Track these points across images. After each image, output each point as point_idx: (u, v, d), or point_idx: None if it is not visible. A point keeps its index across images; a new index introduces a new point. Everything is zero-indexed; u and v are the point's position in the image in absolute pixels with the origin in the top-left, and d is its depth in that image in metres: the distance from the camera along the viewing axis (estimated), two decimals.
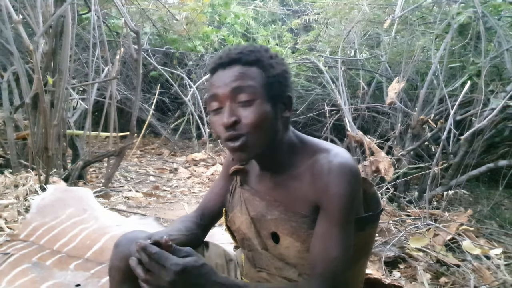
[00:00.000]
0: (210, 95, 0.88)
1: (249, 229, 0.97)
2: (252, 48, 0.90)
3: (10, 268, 1.82)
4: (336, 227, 0.82)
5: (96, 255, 1.98)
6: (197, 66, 5.60)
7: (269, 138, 0.87)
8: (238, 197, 1.01)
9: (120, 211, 2.66)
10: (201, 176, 3.88)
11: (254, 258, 0.98)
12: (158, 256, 0.74)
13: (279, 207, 0.91)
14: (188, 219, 1.09)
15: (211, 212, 1.10)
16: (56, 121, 2.76)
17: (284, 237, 0.90)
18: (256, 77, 0.86)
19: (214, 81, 0.88)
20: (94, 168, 3.92)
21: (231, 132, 0.85)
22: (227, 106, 0.85)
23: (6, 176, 2.87)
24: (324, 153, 0.87)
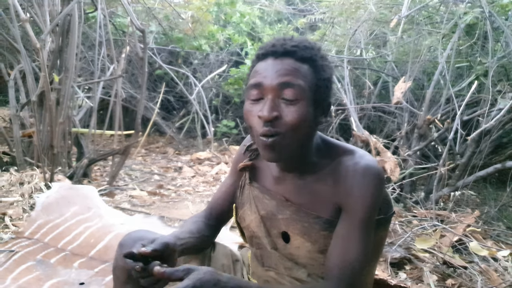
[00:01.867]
0: (253, 82, 0.82)
1: (258, 227, 0.95)
2: (308, 44, 0.85)
3: (15, 265, 1.83)
4: (358, 230, 0.82)
5: (100, 253, 1.99)
6: (202, 65, 5.59)
7: (303, 142, 0.84)
8: (248, 194, 0.99)
9: (124, 209, 2.66)
10: (206, 175, 3.87)
11: (263, 257, 0.97)
12: None
13: (291, 207, 0.90)
14: (199, 219, 1.07)
15: (220, 211, 1.08)
16: (61, 119, 2.76)
17: (294, 237, 0.89)
18: (306, 76, 0.81)
19: (262, 69, 0.82)
20: (99, 166, 3.92)
21: (269, 127, 0.80)
22: (269, 99, 0.80)
23: (11, 174, 2.88)
24: (349, 155, 0.86)
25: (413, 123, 3.12)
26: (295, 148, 0.83)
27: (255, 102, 0.83)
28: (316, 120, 0.86)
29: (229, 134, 5.40)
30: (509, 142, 3.38)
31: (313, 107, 0.83)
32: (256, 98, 0.83)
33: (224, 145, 4.98)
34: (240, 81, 5.13)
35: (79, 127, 3.35)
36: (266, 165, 1.00)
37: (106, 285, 1.71)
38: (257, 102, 0.83)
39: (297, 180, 0.92)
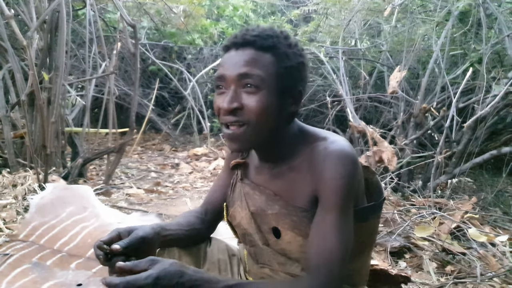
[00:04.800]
0: (217, 75, 0.84)
1: (249, 224, 0.93)
2: (271, 32, 0.84)
3: (10, 269, 1.80)
4: (331, 214, 0.79)
5: None
6: (196, 59, 5.54)
7: (268, 131, 0.84)
8: (239, 192, 0.97)
9: (121, 208, 2.64)
10: (203, 171, 3.85)
11: (256, 254, 0.95)
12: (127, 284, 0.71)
13: (279, 201, 0.88)
14: (192, 214, 1.06)
15: (215, 207, 1.07)
16: (53, 119, 2.72)
17: (285, 232, 0.87)
18: (267, 65, 0.81)
19: (224, 61, 0.84)
20: (94, 165, 3.89)
21: (230, 117, 0.81)
22: (231, 90, 0.81)
23: (4, 176, 2.84)
24: (322, 141, 0.84)
25: (409, 112, 3.10)
26: (259, 137, 0.84)
27: (221, 92, 0.85)
28: (283, 109, 0.85)
29: None
30: (504, 128, 3.38)
31: (277, 96, 0.82)
32: (221, 89, 0.84)
33: (220, 141, 4.95)
34: None
35: (73, 126, 3.31)
36: (252, 159, 0.99)
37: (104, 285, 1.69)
38: (223, 93, 0.84)
39: (273, 169, 0.91)
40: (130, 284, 0.70)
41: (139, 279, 0.70)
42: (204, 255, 1.05)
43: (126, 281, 0.70)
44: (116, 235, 0.84)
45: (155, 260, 0.74)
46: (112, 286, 0.70)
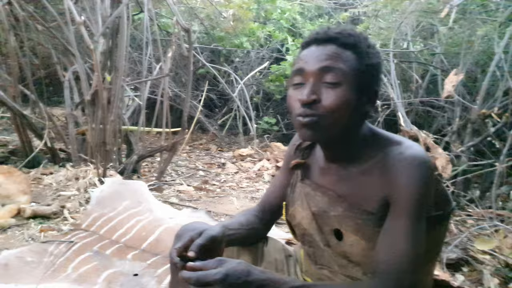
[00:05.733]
0: (295, 68, 0.86)
1: (310, 224, 0.94)
2: (352, 32, 0.87)
3: (74, 255, 1.93)
4: (404, 221, 0.78)
5: (151, 246, 2.06)
6: (243, 62, 5.63)
7: (342, 127, 0.84)
8: (299, 192, 0.98)
9: (172, 204, 2.74)
10: (248, 172, 3.90)
11: (315, 255, 0.96)
12: (198, 279, 0.75)
13: (343, 203, 0.88)
14: (250, 212, 1.09)
15: (272, 207, 1.09)
16: (112, 117, 2.88)
17: (348, 234, 0.87)
18: (349, 61, 0.82)
19: (304, 55, 0.85)
20: (147, 162, 4.06)
21: (306, 109, 0.82)
22: (310, 83, 0.83)
23: (67, 169, 3.06)
24: (396, 146, 0.83)
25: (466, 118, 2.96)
26: (333, 131, 0.84)
27: (297, 87, 0.86)
28: (360, 107, 0.85)
29: (270, 130, 5.41)
30: None
31: (356, 93, 0.83)
32: (297, 83, 0.86)
33: (265, 142, 4.99)
34: (281, 77, 5.11)
35: (128, 125, 3.49)
36: (315, 160, 0.99)
37: (158, 277, 1.77)
38: (299, 88, 0.85)
39: (341, 170, 0.91)
40: (201, 279, 0.74)
41: (209, 275, 0.74)
42: (261, 254, 1.08)
43: (197, 276, 0.75)
44: (189, 240, 0.88)
45: (223, 260, 0.78)
46: (185, 279, 0.75)
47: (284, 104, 5.65)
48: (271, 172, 3.78)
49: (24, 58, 3.40)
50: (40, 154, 3.38)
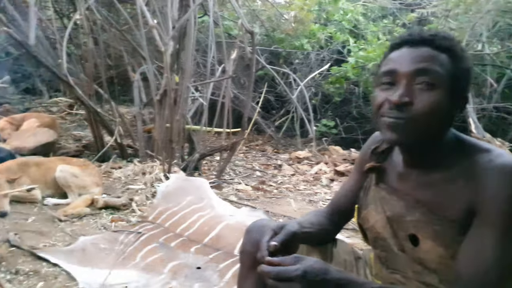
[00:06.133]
0: (385, 69, 0.84)
1: (384, 228, 0.93)
2: (446, 35, 0.85)
3: (142, 245, 2.05)
4: (492, 232, 0.74)
5: (213, 241, 2.12)
6: (302, 64, 5.61)
7: (432, 131, 0.82)
8: (373, 196, 0.97)
9: (232, 202, 2.80)
10: (305, 174, 3.88)
11: (387, 259, 0.94)
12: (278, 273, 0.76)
13: (421, 208, 0.85)
14: (320, 213, 1.09)
15: (342, 209, 1.08)
16: (178, 117, 3.02)
17: (424, 240, 0.85)
18: (444, 64, 0.80)
19: (396, 56, 0.84)
20: (206, 161, 4.19)
21: (396, 112, 0.80)
22: (402, 85, 0.80)
23: (135, 165, 3.24)
24: (484, 153, 0.79)
25: None
26: (421, 135, 0.81)
27: (386, 89, 0.84)
28: (450, 113, 0.82)
29: (328, 134, 5.33)
30: None
31: (449, 97, 0.80)
32: (387, 85, 0.84)
33: (323, 145, 4.93)
34: (342, 79, 5.03)
35: (191, 125, 3.63)
36: (392, 164, 0.97)
37: (220, 271, 1.82)
38: (388, 89, 0.83)
39: (422, 176, 0.88)
40: (281, 274, 0.76)
41: (289, 270, 0.76)
42: (330, 254, 1.08)
43: (277, 271, 0.77)
44: (273, 234, 0.90)
45: (300, 257, 0.79)
46: (265, 273, 0.77)
47: (343, 107, 5.55)
48: (329, 176, 3.73)
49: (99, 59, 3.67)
50: (110, 149, 3.62)
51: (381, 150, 0.99)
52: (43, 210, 2.46)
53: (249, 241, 1.01)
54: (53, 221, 2.32)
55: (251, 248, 1.00)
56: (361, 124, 5.37)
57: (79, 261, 1.87)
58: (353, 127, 5.38)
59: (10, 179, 2.43)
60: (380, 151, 0.99)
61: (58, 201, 2.56)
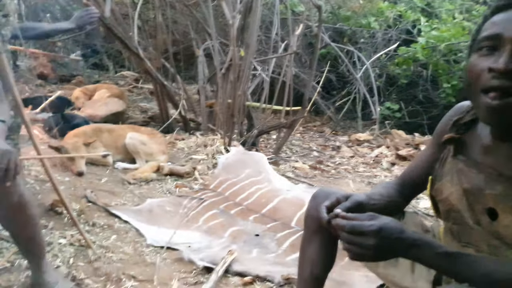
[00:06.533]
0: (488, 34, 0.77)
1: (459, 201, 0.89)
2: None
3: (204, 211, 2.15)
4: None
5: (270, 212, 2.17)
6: (367, 44, 5.40)
7: None
8: (450, 167, 0.93)
9: (289, 178, 2.82)
10: (365, 157, 3.79)
11: (460, 233, 0.90)
12: (353, 226, 0.75)
13: (504, 182, 0.80)
14: (389, 185, 1.07)
15: (413, 181, 1.05)
16: (240, 92, 3.06)
17: (504, 215, 0.80)
18: None
19: (500, 20, 0.76)
20: (263, 138, 4.23)
21: (502, 80, 0.72)
22: (508, 50, 0.73)
23: (197, 137, 3.37)
24: None
25: None
26: None
27: (486, 55, 0.76)
28: None
29: (391, 117, 5.13)
30: None
31: None
32: (488, 51, 0.76)
33: (385, 129, 4.75)
34: (410, 60, 4.77)
35: (251, 101, 3.67)
36: (475, 137, 0.91)
37: (278, 240, 1.86)
38: (489, 56, 0.76)
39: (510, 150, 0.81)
40: (356, 227, 0.77)
41: (364, 225, 0.76)
42: None
43: (352, 225, 0.77)
44: (336, 200, 0.91)
45: (375, 215, 0.79)
46: (339, 226, 0.77)
47: (409, 90, 5.28)
48: (390, 159, 3.61)
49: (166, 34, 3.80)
50: (174, 122, 3.79)
51: (464, 121, 0.93)
52: (114, 173, 2.65)
53: (315, 205, 1.02)
54: (123, 183, 2.50)
55: (316, 212, 1.01)
56: (427, 109, 5.09)
57: (146, 220, 2.00)
58: (418, 112, 5.12)
59: (86, 142, 2.64)
60: (462, 122, 0.93)
61: (127, 166, 2.75)
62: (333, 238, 1.04)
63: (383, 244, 0.75)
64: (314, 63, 3.19)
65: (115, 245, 1.77)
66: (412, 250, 0.77)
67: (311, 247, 1.04)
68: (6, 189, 1.12)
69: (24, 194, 1.21)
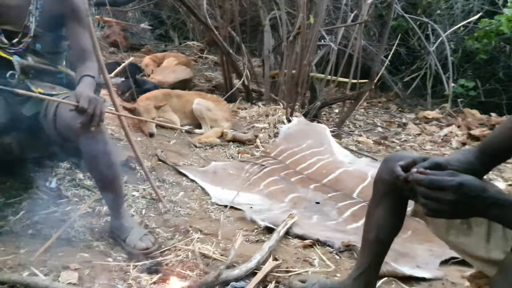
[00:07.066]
0: None
1: None
2: None
3: (265, 176, 2.20)
4: None
5: (331, 183, 2.16)
6: (444, 16, 5.01)
7: None
8: None
9: (352, 151, 2.77)
10: (433, 135, 3.60)
11: None
12: (432, 181, 0.72)
13: None
14: (470, 152, 1.02)
15: (495, 150, 0.98)
16: (306, 62, 3.02)
17: None
18: None
19: None
20: (325, 112, 4.16)
21: None
22: None
23: (259, 107, 3.40)
24: None
25: None
26: None
27: None
28: None
29: (464, 95, 4.77)
30: None
31: None
32: None
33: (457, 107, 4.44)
34: (492, 34, 4.35)
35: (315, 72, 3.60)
36: None
37: (339, 208, 1.86)
38: None
39: None
40: (435, 182, 0.74)
41: (444, 180, 0.74)
42: None
43: (430, 179, 0.75)
44: (412, 161, 0.88)
45: (455, 172, 0.76)
46: (417, 181, 0.75)
47: (487, 66, 4.87)
48: (461, 139, 3.39)
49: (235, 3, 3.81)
50: (237, 91, 3.84)
51: None
52: (181, 136, 2.78)
53: (386, 169, 1.01)
54: (189, 146, 2.62)
55: (387, 176, 1.00)
56: (508, 87, 4.66)
57: (211, 181, 2.10)
58: (496, 90, 4.71)
59: (156, 106, 2.78)
60: None
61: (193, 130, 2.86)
62: (403, 203, 1.02)
63: (462, 200, 0.72)
64: (385, 35, 3.04)
65: (183, 201, 1.88)
66: (493, 210, 0.73)
67: (379, 211, 1.03)
68: (93, 135, 1.23)
69: (109, 143, 1.32)
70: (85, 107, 1.18)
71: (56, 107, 1.36)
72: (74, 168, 1.90)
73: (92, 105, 1.19)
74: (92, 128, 1.22)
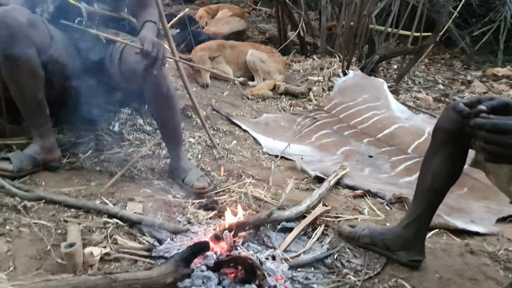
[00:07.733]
0: None
1: None
2: None
3: (317, 129, 2.20)
4: None
5: (386, 137, 2.11)
6: None
7: None
8: None
9: (409, 107, 2.66)
10: (501, 94, 3.33)
11: None
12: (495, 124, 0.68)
13: None
14: None
15: None
16: (365, 12, 2.86)
17: None
18: None
19: None
20: (383, 67, 3.97)
21: None
22: None
23: (314, 60, 3.31)
24: None
25: None
26: None
27: None
28: None
29: None
30: None
31: None
32: None
33: None
34: None
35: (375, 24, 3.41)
36: None
37: (392, 163, 1.83)
38: None
39: None
40: (498, 125, 0.70)
41: (508, 123, 0.70)
42: None
43: (493, 122, 0.71)
44: (476, 100, 0.84)
45: None
46: (479, 125, 0.72)
47: None
48: None
49: None
50: (291, 44, 3.76)
51: None
52: (234, 88, 2.81)
53: (447, 117, 0.97)
54: (242, 98, 2.65)
55: (448, 124, 0.96)
56: None
57: (263, 132, 2.13)
58: None
59: (211, 57, 2.82)
60: None
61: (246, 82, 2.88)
62: (461, 153, 0.99)
63: None
64: None
65: (236, 149, 1.94)
66: None
67: (436, 160, 1.00)
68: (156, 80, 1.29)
69: (171, 88, 1.38)
70: (149, 50, 1.23)
71: (121, 52, 1.42)
72: (135, 114, 2.01)
73: (155, 48, 1.23)
74: (155, 71, 1.27)
